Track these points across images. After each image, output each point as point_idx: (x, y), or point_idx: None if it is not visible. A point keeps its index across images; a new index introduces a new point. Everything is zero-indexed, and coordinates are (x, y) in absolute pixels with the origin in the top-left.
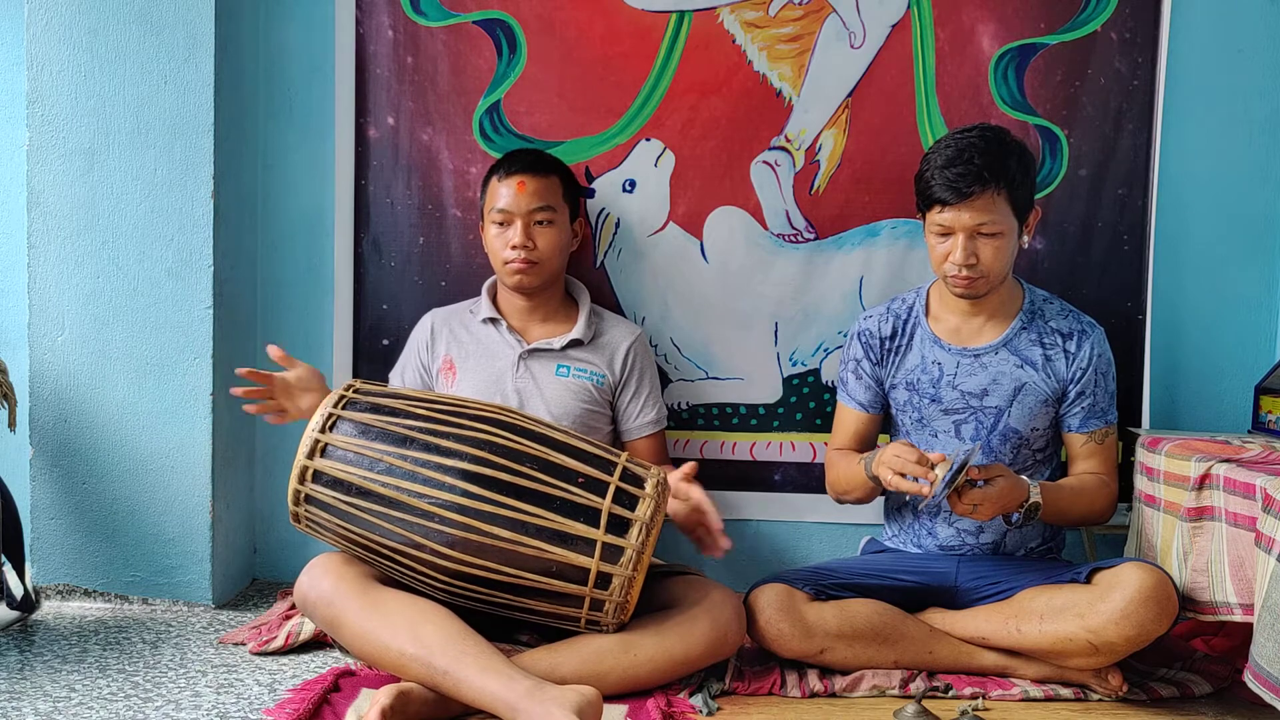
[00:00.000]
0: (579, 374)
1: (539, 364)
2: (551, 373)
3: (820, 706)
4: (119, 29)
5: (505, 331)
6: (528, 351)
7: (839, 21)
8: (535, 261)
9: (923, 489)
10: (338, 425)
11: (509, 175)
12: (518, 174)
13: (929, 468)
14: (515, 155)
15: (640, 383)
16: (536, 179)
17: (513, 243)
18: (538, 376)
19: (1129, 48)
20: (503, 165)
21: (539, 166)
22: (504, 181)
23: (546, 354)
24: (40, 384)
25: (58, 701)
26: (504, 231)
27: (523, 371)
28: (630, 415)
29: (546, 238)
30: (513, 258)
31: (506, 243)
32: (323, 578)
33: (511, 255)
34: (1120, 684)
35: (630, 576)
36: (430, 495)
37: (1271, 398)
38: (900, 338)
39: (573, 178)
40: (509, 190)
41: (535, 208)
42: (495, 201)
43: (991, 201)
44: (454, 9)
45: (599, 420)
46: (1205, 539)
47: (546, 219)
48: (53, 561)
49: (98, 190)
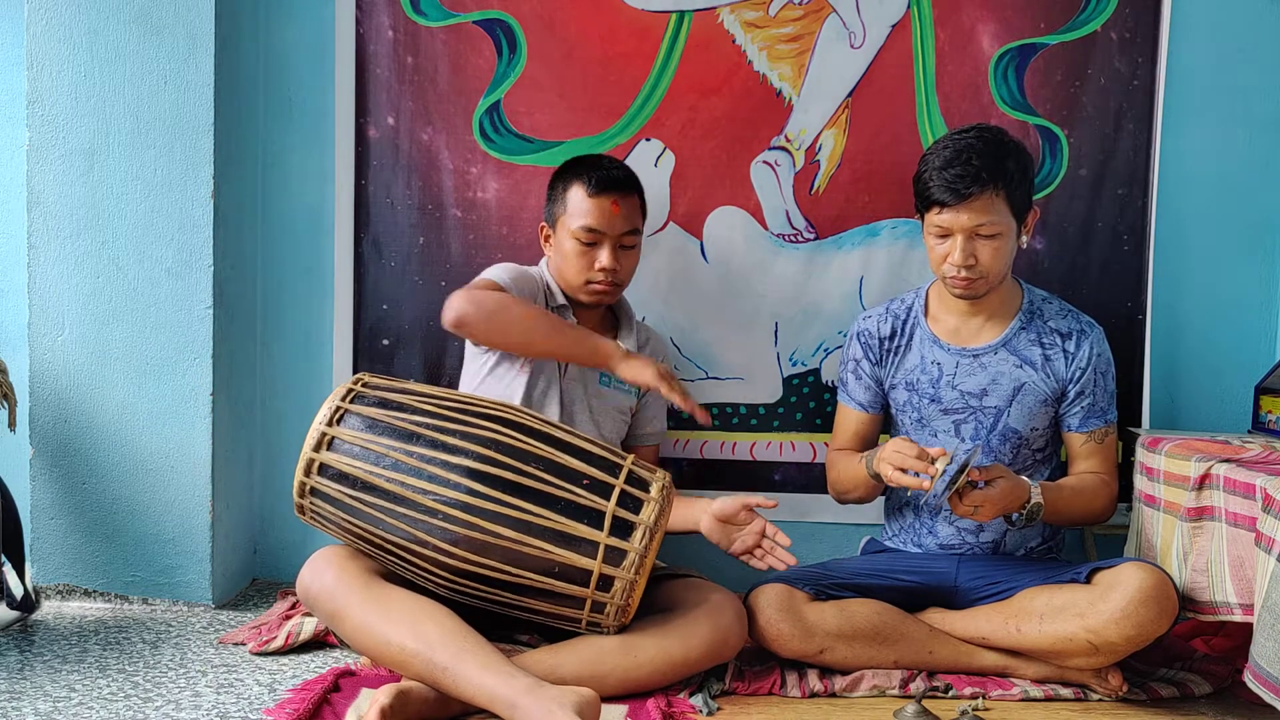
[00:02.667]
0: (619, 386)
1: (585, 371)
2: (595, 380)
3: (820, 706)
4: (119, 29)
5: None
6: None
7: (839, 21)
8: (619, 284)
9: (924, 484)
10: (345, 419)
11: (601, 193)
12: (611, 193)
13: (929, 462)
14: (604, 168)
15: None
16: (627, 200)
17: (602, 264)
18: (587, 383)
19: (1129, 48)
20: (590, 176)
21: (629, 185)
22: (595, 198)
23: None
24: (40, 384)
25: (58, 701)
26: (589, 251)
27: (573, 375)
28: (643, 423)
29: (630, 260)
30: (599, 280)
31: (592, 263)
32: (325, 570)
33: (599, 278)
34: (1120, 684)
35: (632, 579)
36: (435, 492)
37: (1271, 398)
38: (900, 338)
39: (642, 192)
40: (601, 209)
41: (627, 230)
42: (583, 218)
43: (990, 202)
44: (454, 9)
45: (626, 428)
46: (1205, 539)
47: (632, 242)
48: (53, 561)
49: (98, 190)
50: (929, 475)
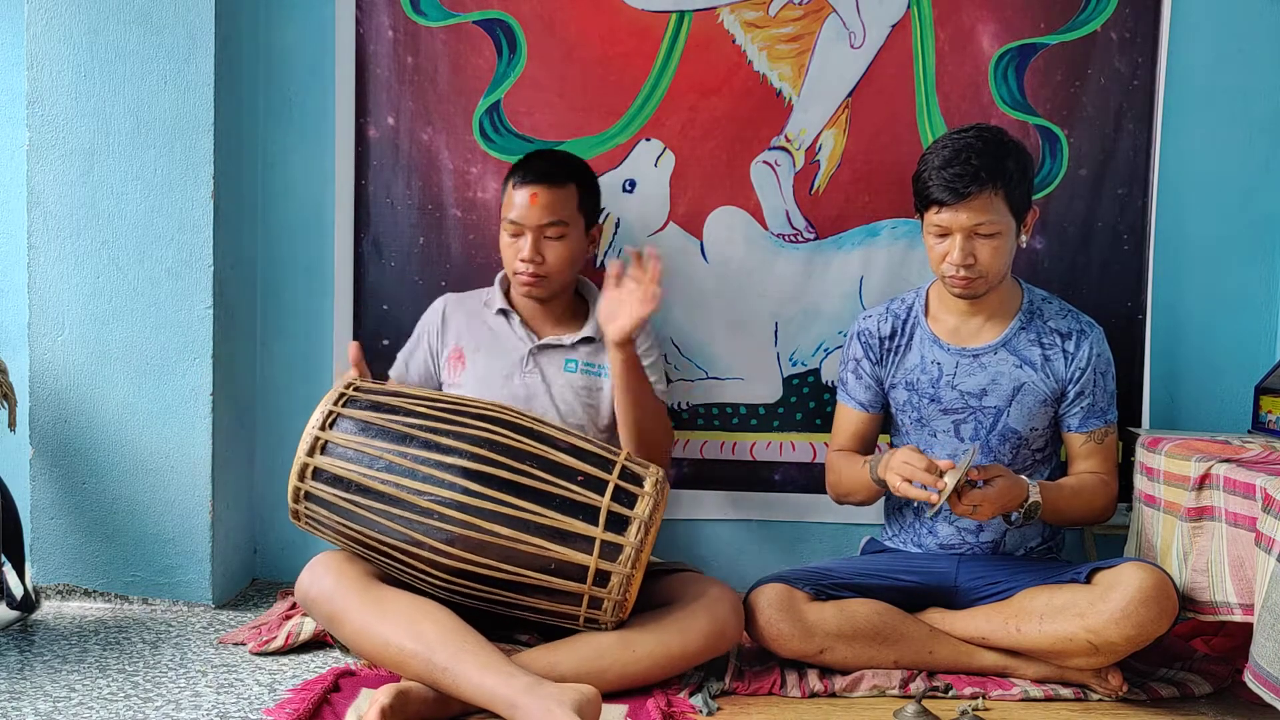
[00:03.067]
0: (586, 369)
1: (548, 359)
2: (560, 368)
3: (820, 706)
4: (119, 29)
5: (518, 325)
6: (538, 347)
7: (839, 21)
8: (544, 275)
9: (931, 497)
10: (338, 422)
11: (523, 184)
12: (531, 184)
13: (938, 475)
14: (533, 162)
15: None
16: (551, 191)
17: (522, 255)
18: (546, 372)
19: (1129, 48)
20: (519, 171)
21: (555, 177)
22: (518, 190)
23: (556, 349)
24: (40, 384)
25: (58, 701)
26: (515, 242)
27: (531, 366)
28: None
29: (556, 251)
30: (521, 270)
31: (516, 254)
32: (324, 575)
33: (521, 268)
34: (1120, 684)
35: (629, 574)
36: (430, 493)
37: (1271, 398)
38: (899, 337)
39: (590, 182)
40: (522, 201)
41: (546, 222)
42: (508, 210)
43: (989, 201)
44: (454, 9)
45: (602, 418)
46: (1205, 539)
47: (557, 233)
48: (53, 561)
49: (98, 190)
50: (937, 489)
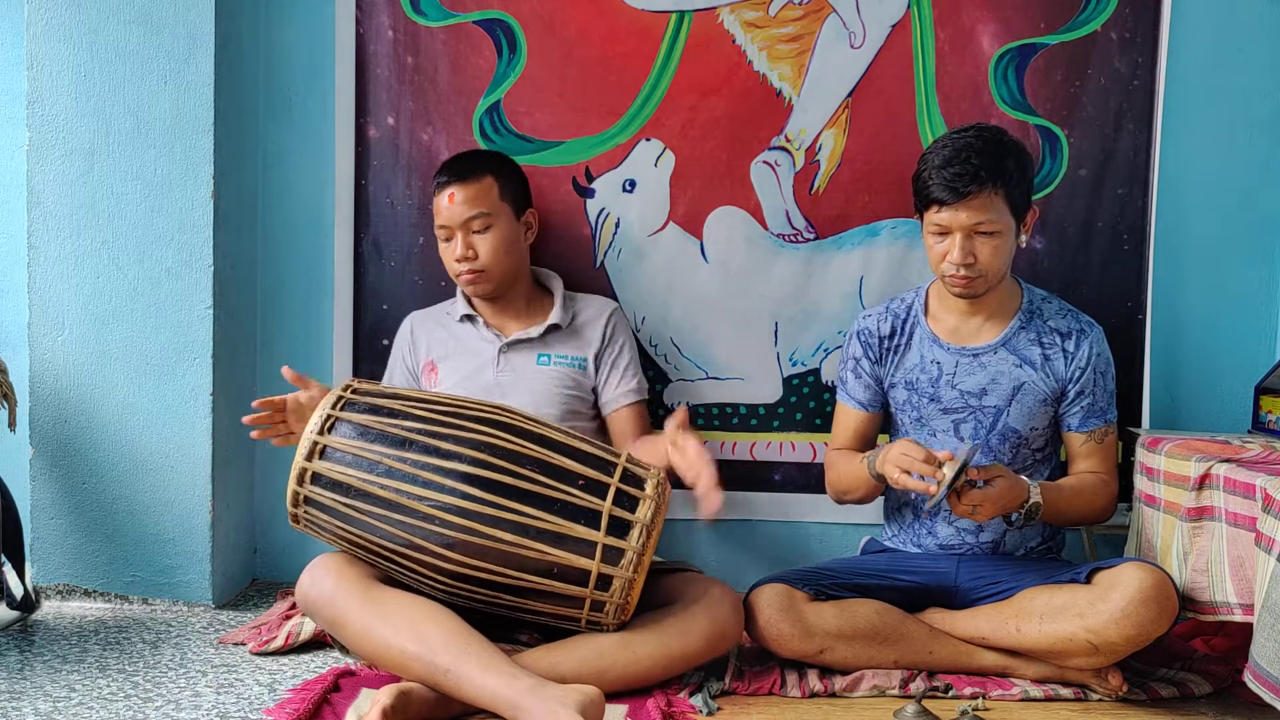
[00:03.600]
0: (560, 361)
1: (520, 355)
2: (533, 363)
3: (820, 706)
4: (119, 29)
5: (483, 327)
6: (508, 344)
7: (839, 21)
8: (481, 269)
9: (930, 488)
10: (336, 427)
11: (441, 188)
12: (446, 185)
13: (936, 466)
14: (445, 165)
15: (620, 352)
16: (465, 187)
17: (455, 255)
18: (519, 369)
19: (1129, 48)
20: (438, 175)
21: (466, 172)
22: (439, 194)
23: (527, 344)
24: (40, 384)
25: (58, 701)
26: (449, 245)
27: (504, 365)
28: (611, 384)
29: (486, 244)
30: (460, 270)
31: (452, 255)
32: (324, 577)
33: (458, 268)
34: (1120, 684)
35: (631, 578)
36: (430, 498)
37: (1271, 398)
38: (899, 337)
39: (510, 171)
40: (443, 203)
41: (469, 217)
42: (436, 217)
43: (989, 201)
44: (454, 9)
45: (583, 406)
46: (1205, 539)
47: (483, 225)
48: (53, 561)
49: (98, 190)
50: (935, 479)
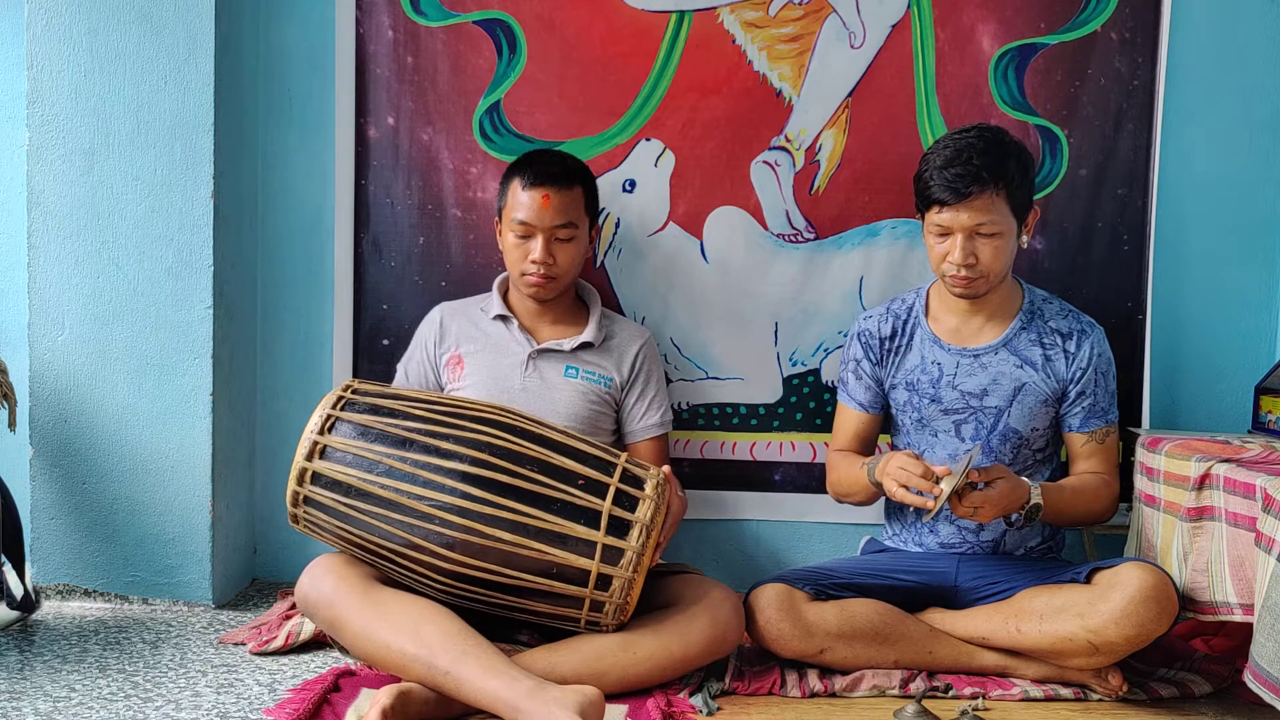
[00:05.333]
0: (587, 376)
1: (548, 364)
2: (560, 373)
3: (820, 706)
4: (119, 29)
5: (516, 330)
6: (538, 351)
7: (839, 21)
8: (554, 277)
9: (927, 503)
10: (336, 427)
11: (533, 186)
12: (543, 187)
13: (934, 481)
14: (540, 162)
15: (647, 385)
16: (561, 194)
17: (533, 257)
18: (546, 376)
19: (1129, 48)
20: (527, 171)
21: (565, 179)
22: (527, 191)
23: (556, 354)
24: (40, 384)
25: (58, 701)
26: (524, 243)
27: (531, 370)
28: (635, 417)
29: (567, 253)
30: (532, 271)
31: (526, 255)
32: (324, 578)
33: (531, 269)
34: (1120, 684)
35: (630, 578)
36: (430, 497)
37: (1271, 398)
38: (900, 338)
39: (592, 183)
40: (532, 203)
41: (559, 224)
42: (516, 211)
43: (990, 202)
44: (454, 9)
45: (604, 421)
46: (1205, 539)
47: (568, 235)
48: (53, 561)
49: (98, 190)
50: (933, 495)
